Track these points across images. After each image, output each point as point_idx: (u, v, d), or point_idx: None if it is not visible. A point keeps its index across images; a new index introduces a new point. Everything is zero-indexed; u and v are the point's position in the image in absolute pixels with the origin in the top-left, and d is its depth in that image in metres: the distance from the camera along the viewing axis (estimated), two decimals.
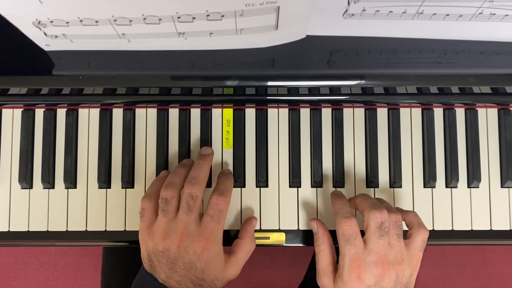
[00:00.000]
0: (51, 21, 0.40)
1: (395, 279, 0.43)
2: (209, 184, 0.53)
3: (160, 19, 0.40)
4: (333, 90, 0.50)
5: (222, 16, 0.40)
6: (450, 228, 0.53)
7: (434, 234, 0.53)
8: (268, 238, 0.52)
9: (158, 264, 0.44)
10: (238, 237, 0.50)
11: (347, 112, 0.54)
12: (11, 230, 0.53)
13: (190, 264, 0.43)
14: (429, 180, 0.53)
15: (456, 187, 0.53)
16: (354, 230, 0.44)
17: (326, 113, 0.54)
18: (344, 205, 0.47)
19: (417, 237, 0.45)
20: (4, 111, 0.53)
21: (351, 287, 0.43)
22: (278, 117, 0.54)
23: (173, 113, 0.54)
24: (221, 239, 0.46)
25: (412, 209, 0.53)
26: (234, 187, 0.53)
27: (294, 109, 0.53)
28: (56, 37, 0.43)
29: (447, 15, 0.42)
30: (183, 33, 0.43)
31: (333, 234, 0.48)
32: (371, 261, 0.43)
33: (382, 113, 0.54)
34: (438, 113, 0.54)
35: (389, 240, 0.44)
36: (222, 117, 0.54)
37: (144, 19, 0.40)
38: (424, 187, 0.53)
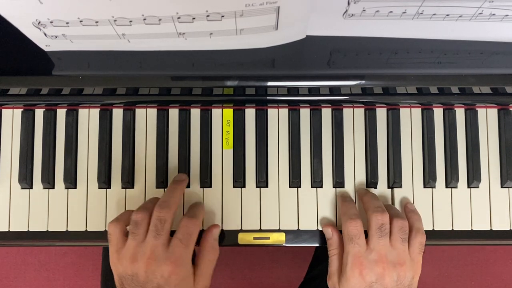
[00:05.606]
0: (51, 22, 0.40)
1: (397, 279, 0.45)
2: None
3: (160, 20, 0.40)
4: (333, 90, 0.50)
5: (222, 16, 0.40)
6: (450, 228, 0.53)
7: (434, 234, 0.53)
8: (268, 238, 0.52)
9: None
10: (199, 247, 0.49)
11: (347, 112, 0.54)
12: (11, 230, 0.53)
13: None
14: (429, 180, 0.53)
15: (456, 187, 0.53)
16: (358, 230, 0.47)
17: (326, 113, 0.54)
18: (351, 207, 0.50)
19: (414, 240, 0.48)
20: (4, 111, 0.53)
21: (353, 283, 0.45)
22: (278, 117, 0.54)
23: (173, 113, 0.53)
24: (190, 261, 0.45)
25: None
26: (234, 187, 0.53)
27: (294, 109, 0.53)
28: (56, 37, 0.43)
29: (447, 15, 0.42)
30: (183, 34, 0.43)
31: None
32: (372, 260, 0.45)
33: (382, 113, 0.54)
34: (438, 113, 0.54)
35: (393, 242, 0.46)
36: (222, 117, 0.54)
37: (144, 19, 0.40)
38: (424, 187, 0.53)
